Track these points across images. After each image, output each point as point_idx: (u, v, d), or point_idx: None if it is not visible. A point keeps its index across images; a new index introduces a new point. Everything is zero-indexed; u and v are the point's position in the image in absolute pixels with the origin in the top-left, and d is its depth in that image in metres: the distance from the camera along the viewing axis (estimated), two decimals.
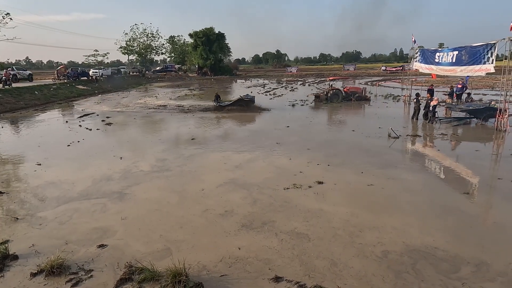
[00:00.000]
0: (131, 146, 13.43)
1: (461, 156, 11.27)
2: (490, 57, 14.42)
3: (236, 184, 8.74)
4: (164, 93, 37.87)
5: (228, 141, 13.75)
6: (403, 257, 5.31)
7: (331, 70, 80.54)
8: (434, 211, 6.95)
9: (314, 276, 4.87)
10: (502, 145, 12.35)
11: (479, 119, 15.65)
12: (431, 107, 15.96)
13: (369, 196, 7.77)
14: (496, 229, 6.21)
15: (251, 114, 20.65)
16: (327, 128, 16.60)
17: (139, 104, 27.43)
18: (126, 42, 76.09)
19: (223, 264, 5.23)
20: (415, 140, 13.40)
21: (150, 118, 20.61)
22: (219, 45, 71.47)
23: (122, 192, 8.41)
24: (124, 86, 47.03)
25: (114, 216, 7.08)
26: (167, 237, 6.14)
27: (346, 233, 6.10)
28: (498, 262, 5.09)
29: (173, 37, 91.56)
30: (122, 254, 5.60)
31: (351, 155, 11.17)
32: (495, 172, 9.60)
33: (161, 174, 9.75)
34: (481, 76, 19.55)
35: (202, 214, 7.07)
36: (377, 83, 39.34)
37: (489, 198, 7.98)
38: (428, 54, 21.07)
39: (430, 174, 9.58)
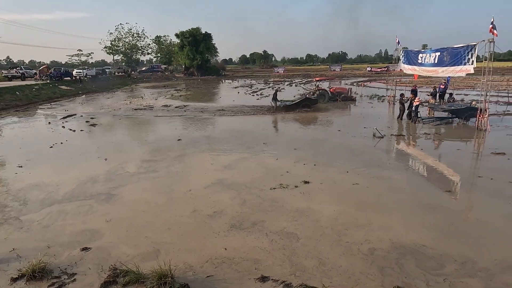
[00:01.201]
0: (116, 147, 13.24)
1: (443, 155, 11.54)
2: (470, 58, 14.78)
3: (224, 184, 8.72)
4: (150, 93, 37.46)
5: (215, 141, 13.71)
6: (389, 254, 5.40)
7: (317, 71, 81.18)
8: (419, 209, 7.09)
9: (300, 275, 4.91)
10: (483, 144, 12.69)
11: (460, 118, 16.04)
12: (414, 107, 16.28)
13: (355, 195, 7.87)
14: (479, 226, 6.38)
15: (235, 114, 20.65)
16: (314, 128, 16.73)
17: (124, 105, 27.06)
18: (111, 42, 75.14)
19: (210, 265, 5.21)
20: (399, 140, 13.64)
21: (135, 119, 20.37)
22: (206, 45, 71.16)
23: (109, 194, 8.29)
24: (109, 86, 46.30)
25: (100, 219, 6.97)
26: (154, 239, 6.09)
27: (333, 231, 6.17)
28: (483, 259, 5.22)
29: (159, 37, 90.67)
30: (107, 257, 5.52)
31: (337, 155, 11.30)
32: (475, 171, 9.86)
33: (148, 175, 9.65)
34: (462, 77, 20.05)
35: (190, 215, 7.03)
36: (362, 84, 39.87)
37: (471, 196, 8.20)
38: (411, 55, 21.46)
39: (414, 173, 9.78)
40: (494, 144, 11.85)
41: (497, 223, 6.38)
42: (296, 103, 21.59)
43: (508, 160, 10.20)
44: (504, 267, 5.01)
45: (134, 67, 78.38)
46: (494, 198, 7.53)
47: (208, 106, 25.14)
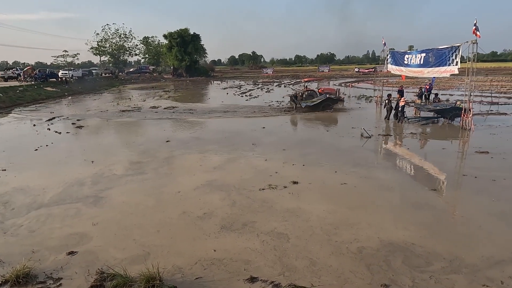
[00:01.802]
0: (103, 150, 13.06)
1: (429, 154, 11.73)
2: (454, 59, 15.09)
3: (213, 185, 8.69)
4: (138, 95, 37.09)
5: (204, 142, 13.65)
6: (378, 253, 5.46)
7: (306, 72, 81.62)
8: (406, 207, 7.20)
9: (289, 275, 4.93)
10: (467, 143, 12.97)
11: (445, 118, 16.36)
12: (400, 107, 16.53)
13: (343, 195, 7.95)
14: (464, 223, 6.51)
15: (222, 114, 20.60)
16: (302, 129, 16.82)
17: (111, 107, 26.73)
18: (98, 42, 74.11)
19: (199, 267, 5.19)
20: (386, 140, 13.83)
21: (123, 121, 20.12)
22: (194, 46, 70.77)
23: (97, 196, 8.19)
24: (96, 88, 45.65)
25: (88, 222, 6.87)
26: (143, 241, 6.02)
27: (323, 231, 6.21)
28: (470, 255, 5.32)
29: (147, 38, 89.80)
30: (95, 261, 5.44)
31: (326, 155, 11.38)
32: (460, 169, 10.06)
33: (136, 177, 9.55)
34: (447, 77, 20.45)
35: (179, 217, 6.99)
36: (350, 85, 40.26)
37: (456, 194, 8.36)
38: (397, 56, 21.79)
39: (401, 172, 9.92)
40: (478, 143, 12.12)
41: (481, 221, 6.52)
42: (317, 104, 21.23)
43: (491, 158, 10.44)
44: (491, 263, 5.11)
45: (122, 68, 77.45)
46: (479, 196, 7.70)
47: (197, 107, 25.04)
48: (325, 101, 21.13)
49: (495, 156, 10.61)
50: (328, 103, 21.22)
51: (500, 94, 26.53)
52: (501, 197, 7.55)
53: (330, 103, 21.35)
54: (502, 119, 16.96)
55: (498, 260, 5.18)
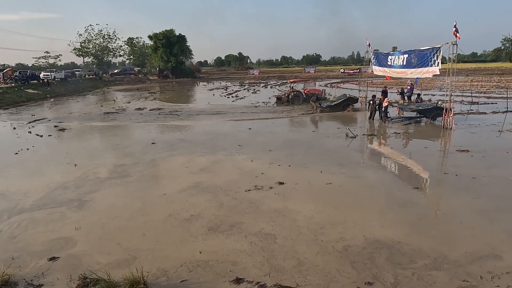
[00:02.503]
0: (87, 153, 12.83)
1: (412, 153, 11.96)
2: (436, 60, 15.46)
3: (200, 187, 8.65)
4: (122, 96, 36.58)
5: (190, 144, 13.57)
6: (363, 251, 5.54)
7: (292, 73, 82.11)
8: (391, 205, 7.32)
9: (275, 276, 4.94)
10: (448, 142, 13.28)
11: (428, 118, 16.72)
12: (384, 107, 16.81)
13: (329, 194, 8.02)
14: (446, 220, 6.66)
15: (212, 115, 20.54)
16: (289, 129, 16.91)
17: (95, 109, 26.29)
18: (81, 43, 72.78)
19: (184, 269, 5.15)
20: (370, 139, 14.03)
21: (107, 123, 19.80)
22: (180, 48, 70.25)
23: (81, 200, 8.05)
24: (79, 89, 44.81)
25: (73, 226, 6.74)
26: (128, 245, 5.94)
27: (310, 231, 6.25)
28: (453, 252, 5.44)
29: (131, 38, 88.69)
30: (78, 265, 5.33)
31: (311, 155, 11.48)
32: (442, 167, 10.30)
33: (121, 180, 9.43)
34: (429, 78, 20.89)
35: (166, 219, 6.93)
36: (336, 85, 40.69)
37: (438, 192, 8.56)
38: (381, 57, 22.14)
39: (385, 170, 10.09)
40: (459, 142, 12.43)
41: (463, 217, 6.68)
42: (338, 104, 21.28)
43: (471, 157, 10.73)
44: (472, 259, 5.24)
45: (106, 70, 76.24)
46: (460, 193, 7.89)
47: (183, 108, 24.88)
48: (346, 101, 21.35)
49: (475, 154, 10.91)
50: (348, 102, 21.40)
51: (480, 94, 27.28)
52: (481, 194, 7.76)
53: (350, 103, 21.51)
54: (481, 118, 17.43)
55: (479, 255, 5.32)
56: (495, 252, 5.39)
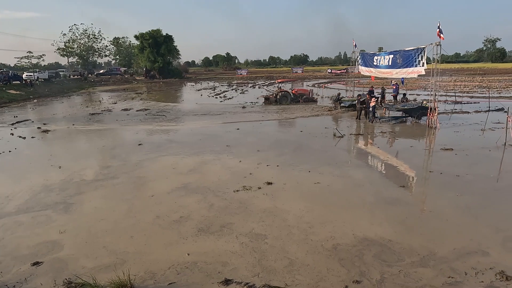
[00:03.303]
0: (72, 155, 12.58)
1: (398, 152, 12.13)
2: (420, 60, 15.73)
3: (189, 188, 8.59)
4: (108, 97, 36.02)
5: (178, 145, 13.45)
6: (353, 249, 5.60)
7: (280, 73, 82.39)
8: (378, 204, 7.41)
9: (264, 276, 4.94)
10: (433, 141, 13.53)
11: (413, 117, 16.99)
12: (370, 107, 17.01)
13: (317, 194, 8.06)
14: (433, 217, 6.77)
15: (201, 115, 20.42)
16: (277, 129, 16.93)
17: (80, 110, 25.82)
18: (65, 43, 71.34)
19: (172, 272, 5.09)
20: (357, 139, 14.18)
21: (93, 124, 19.44)
22: (167, 48, 69.62)
23: (67, 203, 7.89)
24: (63, 90, 43.93)
25: (57, 230, 6.60)
26: (115, 248, 5.85)
27: (299, 230, 6.28)
28: (441, 248, 5.53)
29: (117, 38, 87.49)
30: (64, 270, 5.21)
31: (300, 155, 11.52)
32: (427, 166, 10.48)
33: (107, 182, 9.28)
34: (414, 78, 21.22)
35: (154, 221, 6.85)
36: (323, 85, 40.98)
37: (424, 190, 8.70)
38: (367, 58, 22.41)
39: (372, 169, 10.21)
40: (443, 141, 12.67)
41: (449, 215, 6.81)
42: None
43: (455, 155, 10.95)
44: (457, 255, 5.34)
45: (91, 70, 75.02)
46: (445, 191, 8.04)
47: (171, 109, 24.66)
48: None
49: (459, 152, 11.14)
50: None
51: (463, 94, 27.88)
52: (465, 192, 7.93)
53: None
54: (465, 117, 17.82)
55: (466, 252, 5.43)
56: (481, 248, 5.52)
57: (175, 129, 17.32)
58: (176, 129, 17.33)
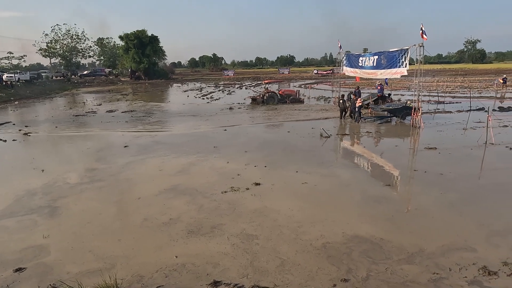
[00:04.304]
0: (55, 157, 12.33)
1: (383, 152, 12.33)
2: (404, 61, 16.03)
3: (177, 190, 8.52)
4: (93, 98, 35.40)
5: (165, 146, 13.32)
6: (342, 247, 5.66)
7: (267, 74, 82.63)
8: (365, 203, 7.51)
9: (252, 277, 4.94)
10: (417, 140, 13.80)
11: (398, 117, 17.30)
12: (356, 107, 17.23)
13: (305, 194, 8.10)
14: (419, 215, 6.91)
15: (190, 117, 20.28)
16: (264, 130, 16.96)
17: (64, 111, 25.29)
18: (47, 43, 69.78)
19: (160, 275, 5.04)
20: (344, 139, 14.34)
21: (77, 126, 19.05)
22: (152, 48, 68.88)
23: (52, 206, 7.73)
24: (46, 92, 42.93)
25: (42, 234, 6.44)
26: (102, 252, 5.74)
27: (290, 230, 6.30)
28: (429, 245, 5.64)
29: (101, 39, 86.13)
30: (48, 275, 5.10)
31: (287, 156, 11.57)
32: (412, 165, 10.68)
33: (93, 185, 9.11)
34: (398, 79, 21.61)
35: (142, 224, 6.76)
36: (310, 86, 41.34)
37: (409, 188, 8.86)
38: (352, 59, 22.69)
39: (358, 169, 10.35)
40: (427, 140, 12.95)
41: (434, 212, 6.95)
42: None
43: (439, 154, 11.20)
44: (443, 251, 5.45)
45: (75, 71, 73.58)
46: (429, 189, 8.21)
47: (157, 110, 24.40)
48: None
49: (442, 151, 11.40)
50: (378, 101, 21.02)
51: (446, 94, 28.56)
52: (448, 189, 8.11)
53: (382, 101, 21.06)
54: (447, 117, 18.25)
55: (451, 248, 5.55)
56: (467, 244, 5.65)
57: (161, 131, 17.15)
58: (162, 131, 17.16)
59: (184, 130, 16.93)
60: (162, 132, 16.89)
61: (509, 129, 14.42)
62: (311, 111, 21.59)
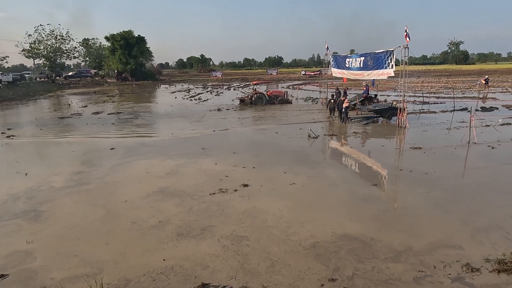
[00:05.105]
0: (39, 161, 12.08)
1: (370, 152, 12.48)
2: (390, 63, 16.28)
3: (165, 192, 8.46)
4: (78, 100, 34.82)
5: (152, 148, 13.20)
6: (331, 246, 5.71)
7: (255, 75, 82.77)
8: (354, 202, 7.59)
9: (242, 278, 4.93)
10: (403, 140, 14.02)
11: (384, 117, 17.55)
12: (343, 108, 17.41)
13: (294, 195, 8.13)
14: (406, 214, 7.02)
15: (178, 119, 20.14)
16: (252, 131, 16.97)
17: (48, 114, 24.79)
18: (31, 44, 68.29)
19: (147, 279, 4.99)
20: (331, 139, 14.47)
21: (62, 129, 18.71)
22: (139, 49, 68.26)
23: (37, 210, 7.58)
24: (29, 93, 42.03)
25: (28, 239, 6.31)
26: (89, 256, 5.65)
27: (279, 231, 6.32)
28: (418, 243, 5.74)
29: (87, 39, 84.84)
30: (32, 281, 4.99)
31: (275, 156, 11.61)
32: (398, 164, 10.84)
33: (79, 189, 8.96)
34: (385, 80, 21.92)
35: (131, 227, 6.68)
36: (298, 87, 41.54)
37: (395, 187, 9.00)
38: (340, 60, 22.93)
39: (345, 169, 10.45)
40: (412, 140, 13.18)
41: (421, 210, 7.08)
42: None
43: (424, 153, 11.40)
44: (428, 249, 5.56)
45: (59, 72, 72.24)
46: (415, 188, 8.36)
47: (144, 112, 24.14)
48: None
49: (427, 151, 11.61)
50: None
51: (430, 94, 29.10)
52: (433, 188, 8.27)
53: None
54: (432, 117, 18.61)
55: (436, 245, 5.67)
56: (453, 241, 5.78)
57: (149, 133, 16.98)
58: (150, 133, 16.99)
59: (171, 131, 16.79)
60: (149, 134, 16.72)
61: (491, 128, 14.79)
62: (300, 111, 21.70)
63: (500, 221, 6.47)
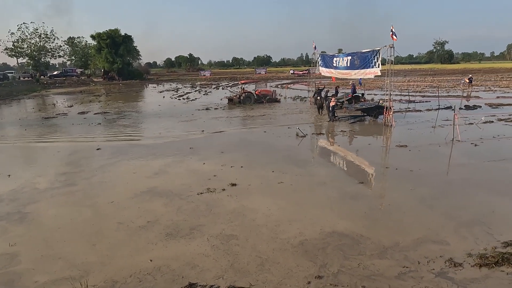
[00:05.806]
0: (23, 162, 11.84)
1: (357, 150, 12.62)
2: (376, 62, 16.48)
3: (153, 192, 8.39)
4: (64, 100, 34.21)
5: (140, 148, 13.07)
6: (320, 244, 5.76)
7: (243, 74, 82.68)
8: (341, 200, 7.68)
9: (229, 277, 4.94)
10: (389, 138, 14.23)
11: (371, 116, 17.77)
12: (330, 107, 17.56)
13: (283, 193, 8.18)
14: (392, 210, 7.14)
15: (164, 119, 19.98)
16: (240, 131, 16.97)
17: (32, 114, 24.29)
18: (13, 43, 66.67)
19: (134, 280, 4.95)
20: (319, 138, 14.58)
21: (46, 129, 18.35)
22: (126, 48, 67.44)
23: (22, 212, 7.44)
24: (12, 93, 41.06)
25: (12, 241, 6.18)
26: (75, 258, 5.57)
27: (269, 229, 6.35)
28: (404, 239, 5.83)
29: (72, 38, 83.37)
30: (14, 285, 4.89)
31: (263, 155, 11.64)
32: (384, 162, 11.01)
33: (64, 190, 8.82)
34: (372, 79, 22.18)
35: (118, 228, 6.62)
36: (286, 86, 41.71)
37: (382, 185, 9.14)
38: (327, 59, 23.11)
39: (333, 167, 10.56)
40: (398, 138, 13.39)
41: (407, 207, 7.21)
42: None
43: (409, 151, 11.60)
44: (414, 245, 5.66)
45: (44, 71, 70.76)
46: (400, 185, 8.51)
47: (131, 111, 23.88)
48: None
49: (412, 149, 11.81)
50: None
51: (416, 93, 29.59)
52: (418, 185, 8.43)
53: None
54: (418, 115, 18.92)
55: (422, 241, 5.78)
56: (439, 237, 5.90)
57: (136, 132, 16.80)
58: (137, 132, 16.82)
59: (159, 131, 16.65)
60: (136, 134, 16.55)
61: (474, 126, 15.13)
62: (289, 110, 21.78)
63: (482, 217, 6.64)
